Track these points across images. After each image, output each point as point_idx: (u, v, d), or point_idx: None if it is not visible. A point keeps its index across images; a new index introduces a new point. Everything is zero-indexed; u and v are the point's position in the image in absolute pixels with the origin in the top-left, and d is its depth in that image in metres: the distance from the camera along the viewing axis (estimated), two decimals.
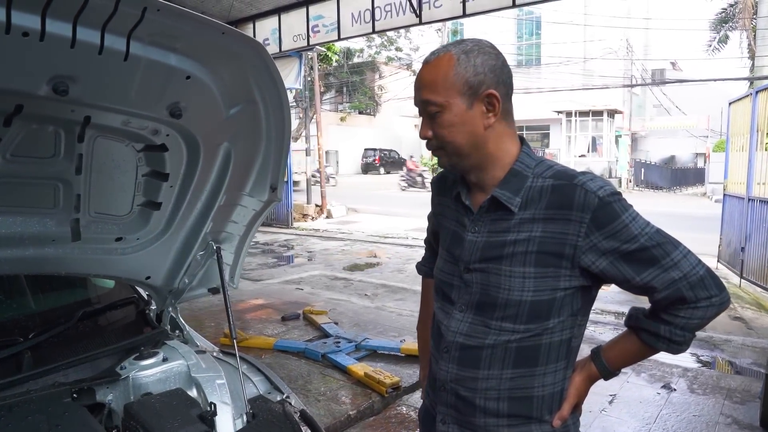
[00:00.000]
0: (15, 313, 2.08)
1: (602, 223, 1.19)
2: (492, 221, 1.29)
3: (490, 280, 1.28)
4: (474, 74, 1.21)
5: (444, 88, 1.22)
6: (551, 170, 1.28)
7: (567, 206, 1.21)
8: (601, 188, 1.20)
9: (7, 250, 1.70)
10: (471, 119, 1.24)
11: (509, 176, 1.28)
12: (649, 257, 1.19)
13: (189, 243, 2.00)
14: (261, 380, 2.11)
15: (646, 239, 1.19)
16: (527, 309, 1.24)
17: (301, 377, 4.42)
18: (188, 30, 1.32)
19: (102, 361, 1.93)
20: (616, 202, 1.20)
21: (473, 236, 1.32)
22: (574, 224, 1.20)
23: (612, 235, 1.19)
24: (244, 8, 10.14)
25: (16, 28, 1.10)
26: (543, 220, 1.23)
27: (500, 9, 7.97)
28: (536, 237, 1.23)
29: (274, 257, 10.46)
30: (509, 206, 1.26)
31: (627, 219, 1.20)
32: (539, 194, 1.25)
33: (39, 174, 1.61)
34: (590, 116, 28.41)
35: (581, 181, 1.22)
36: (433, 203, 1.56)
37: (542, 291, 1.24)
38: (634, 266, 1.20)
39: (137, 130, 1.57)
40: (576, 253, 1.21)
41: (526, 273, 1.24)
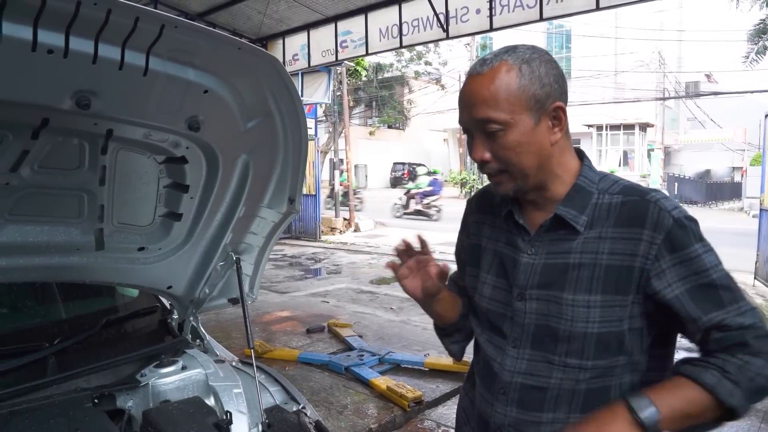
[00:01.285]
0: (41, 319, 2.14)
1: (675, 247, 1.07)
2: (552, 242, 1.17)
3: (550, 309, 1.15)
4: (541, 86, 1.09)
5: (509, 103, 1.07)
6: (618, 185, 1.16)
7: (638, 224, 1.09)
8: (677, 209, 1.10)
9: (34, 258, 1.76)
10: (538, 136, 1.11)
11: (573, 193, 1.17)
12: (717, 297, 1.06)
13: (209, 253, 2.04)
14: (278, 390, 2.12)
15: (718, 277, 1.07)
16: (594, 342, 1.11)
17: (323, 390, 4.43)
18: (205, 46, 1.36)
19: (123, 368, 1.97)
20: (691, 227, 1.09)
21: (530, 258, 1.19)
22: (644, 244, 1.08)
23: (683, 263, 1.07)
24: (274, 25, 10.35)
25: (41, 46, 1.15)
26: (611, 239, 1.11)
27: (528, 23, 7.95)
28: (603, 260, 1.11)
29: (301, 270, 10.53)
30: (575, 225, 1.14)
31: (701, 249, 1.08)
32: (607, 212, 1.13)
33: (64, 185, 1.67)
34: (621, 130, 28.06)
35: (655, 197, 1.11)
36: (466, 223, 1.40)
37: (610, 322, 1.10)
38: (700, 303, 1.06)
39: (158, 142, 1.62)
40: (643, 277, 1.08)
41: (591, 302, 1.11)
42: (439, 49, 23.07)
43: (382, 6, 9.08)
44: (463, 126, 1.16)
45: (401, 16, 8.87)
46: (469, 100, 1.11)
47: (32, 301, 2.28)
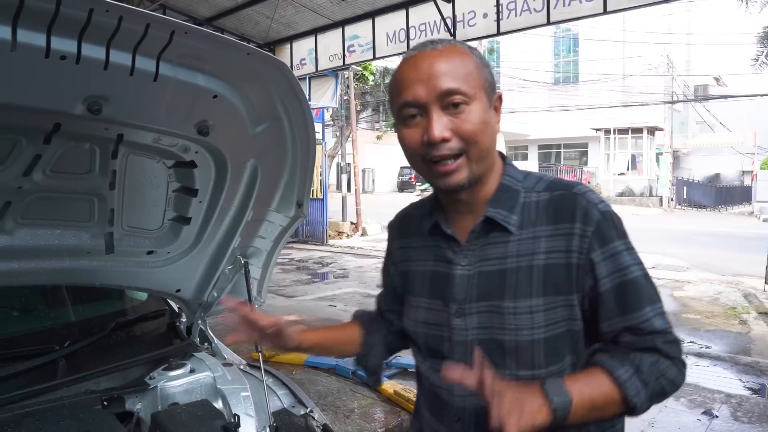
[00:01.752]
0: (52, 322, 2.16)
1: (604, 240, 1.05)
2: (484, 248, 1.10)
3: (492, 321, 1.08)
4: (488, 73, 1.08)
5: (471, 79, 1.04)
6: (543, 182, 1.13)
7: (569, 218, 1.06)
8: (603, 203, 1.08)
9: (45, 261, 1.78)
10: (491, 119, 1.07)
11: (499, 192, 1.11)
12: (635, 297, 1.04)
13: (218, 257, 2.05)
14: (285, 394, 2.13)
15: (637, 276, 1.05)
16: (543, 349, 1.06)
17: (331, 394, 4.43)
18: (214, 51, 1.38)
19: (132, 371, 1.99)
20: (616, 221, 1.07)
21: (464, 270, 1.12)
22: (577, 238, 1.05)
23: (610, 257, 1.05)
24: (282, 30, 10.39)
25: (54, 52, 1.17)
26: (545, 238, 1.07)
27: (535, 27, 7.95)
28: (540, 260, 1.06)
29: (308, 274, 10.55)
30: (507, 226, 1.08)
31: (622, 246, 1.06)
32: (536, 210, 1.09)
33: (75, 189, 1.69)
34: (630, 134, 27.91)
35: (582, 190, 1.08)
36: (391, 251, 1.33)
37: (555, 324, 1.06)
38: (620, 303, 1.05)
39: (168, 147, 1.64)
40: (580, 272, 1.05)
41: (534, 307, 1.05)
42: None
43: (389, 10, 9.11)
44: (413, 104, 1.04)
45: (408, 21, 8.89)
46: (429, 72, 1.03)
47: (43, 305, 2.30)
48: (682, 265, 11.16)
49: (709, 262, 11.40)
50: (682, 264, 11.21)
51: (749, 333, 6.64)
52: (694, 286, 9.24)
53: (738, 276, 9.89)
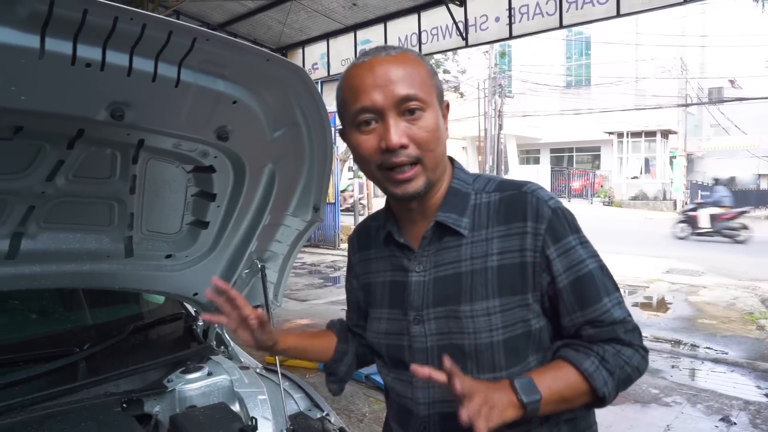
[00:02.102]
0: (71, 325, 2.19)
1: (557, 237, 1.05)
2: (438, 253, 1.11)
3: (450, 326, 1.08)
4: (438, 80, 1.10)
5: (425, 85, 1.05)
6: (493, 183, 1.13)
7: (520, 217, 1.06)
8: (552, 199, 1.08)
9: (66, 264, 1.80)
10: (442, 126, 1.09)
11: (449, 196, 1.12)
12: (592, 290, 1.05)
13: (235, 261, 2.06)
14: (302, 397, 2.14)
15: (593, 268, 1.07)
16: (502, 351, 1.06)
17: (344, 397, 4.44)
18: (235, 58, 1.39)
19: (150, 374, 2.00)
20: (567, 216, 1.08)
21: (419, 276, 1.12)
22: (530, 237, 1.05)
23: (564, 253, 1.05)
24: (294, 34, 10.46)
25: (80, 60, 1.19)
26: (497, 239, 1.07)
27: (547, 30, 7.94)
28: (494, 261, 1.06)
29: (320, 278, 10.58)
30: (457, 229, 1.09)
31: (575, 241, 1.07)
32: (487, 211, 1.09)
33: (96, 193, 1.71)
34: (643, 137, 27.72)
35: (531, 188, 1.09)
36: (351, 265, 1.34)
37: (513, 325, 1.06)
38: (578, 297, 1.05)
39: (187, 152, 1.66)
40: (536, 270, 1.05)
41: (490, 308, 1.05)
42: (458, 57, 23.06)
43: (401, 15, 9.13)
44: (370, 110, 1.03)
45: (420, 25, 8.92)
46: (385, 78, 1.02)
47: (61, 308, 2.34)
48: (698, 269, 11.04)
49: (724, 266, 11.27)
50: (697, 269, 11.10)
51: (767, 339, 6.56)
52: (709, 291, 9.14)
53: (755, 281, 9.77)
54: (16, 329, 2.15)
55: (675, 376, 5.19)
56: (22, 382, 1.72)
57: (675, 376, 5.21)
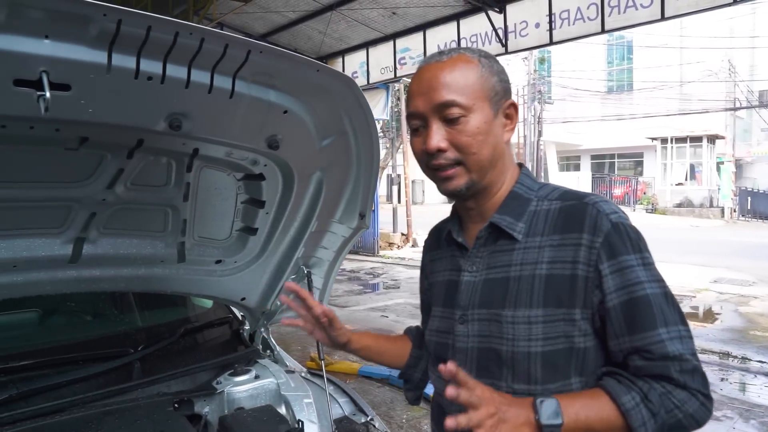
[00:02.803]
0: (126, 327, 2.27)
1: (613, 252, 1.00)
2: (492, 255, 1.11)
3: (491, 329, 1.07)
4: (499, 80, 1.09)
5: (471, 89, 1.05)
6: (558, 191, 1.11)
7: (577, 228, 1.03)
8: (616, 213, 1.03)
9: (123, 269, 1.88)
10: (495, 129, 1.08)
11: (509, 200, 1.12)
12: (645, 316, 0.98)
13: (282, 267, 2.11)
14: (346, 402, 2.17)
15: (651, 293, 0.99)
16: (539, 363, 1.02)
17: (384, 404, 4.46)
18: (287, 69, 1.44)
19: (200, 375, 2.07)
20: (630, 234, 1.02)
21: (470, 276, 1.12)
22: (584, 249, 1.01)
23: (619, 271, 0.99)
24: (334, 44, 10.60)
25: (143, 74, 1.25)
26: (550, 247, 1.04)
27: (589, 35, 7.86)
28: (543, 269, 1.03)
29: (360, 284, 10.63)
30: (511, 233, 1.08)
31: (637, 260, 1.01)
32: (545, 218, 1.08)
33: (152, 201, 1.78)
34: (688, 142, 26.91)
35: (593, 200, 1.05)
36: (423, 265, 1.36)
37: (555, 339, 1.01)
38: (627, 320, 0.99)
39: (238, 160, 1.71)
40: (588, 286, 1.00)
41: (532, 317, 1.02)
42: None
43: (440, 23, 9.17)
44: (416, 115, 1.09)
45: (459, 32, 8.93)
46: (428, 85, 1.07)
47: (115, 311, 2.43)
48: (748, 279, 10.66)
49: None
50: (747, 278, 10.71)
51: None
52: (761, 302, 8.81)
53: None
54: (76, 330, 2.25)
55: (725, 390, 5.02)
56: (82, 380, 1.80)
57: (725, 389, 5.04)
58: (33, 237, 1.68)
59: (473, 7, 8.48)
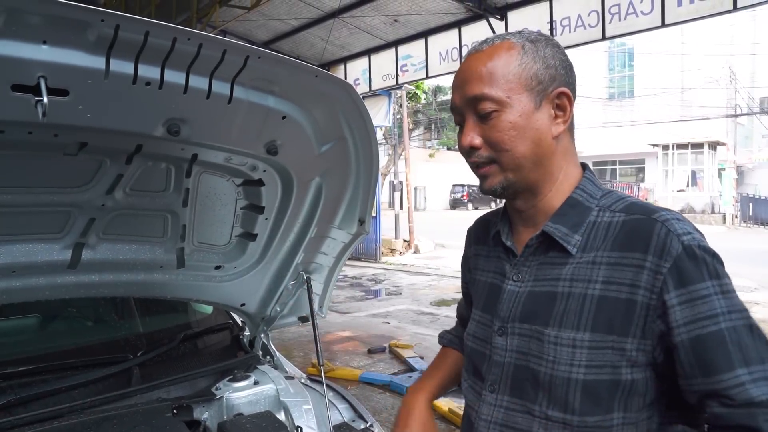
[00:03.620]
0: (125, 332, 2.27)
1: (683, 281, 0.87)
2: (540, 266, 1.00)
3: (530, 347, 0.97)
4: (545, 66, 0.97)
5: (506, 80, 0.96)
6: (623, 202, 0.98)
7: (641, 248, 0.90)
8: (690, 234, 0.89)
9: (122, 274, 1.88)
10: (538, 123, 0.97)
11: (566, 207, 1.00)
12: (723, 354, 0.85)
13: (281, 273, 2.11)
14: (346, 408, 2.16)
15: (729, 326, 0.85)
16: (579, 392, 0.91)
17: (385, 410, 4.44)
18: (285, 74, 1.44)
19: (199, 381, 2.06)
20: (705, 259, 0.88)
21: (514, 286, 1.03)
22: (647, 273, 0.88)
23: (689, 302, 0.87)
24: (336, 51, 10.65)
25: (141, 79, 1.26)
26: (607, 265, 0.92)
27: (590, 42, 7.88)
28: (596, 289, 0.92)
29: (362, 291, 10.62)
30: (565, 245, 0.97)
31: (713, 289, 0.87)
32: (605, 232, 0.95)
33: (151, 206, 1.78)
34: (689, 149, 26.92)
35: (663, 217, 0.91)
36: (465, 257, 1.27)
37: (600, 368, 0.90)
38: (700, 359, 0.86)
39: (237, 166, 1.71)
40: (649, 315, 0.88)
41: (577, 341, 0.92)
42: None
43: (442, 30, 9.21)
44: (455, 111, 1.03)
45: (461, 39, 8.96)
46: (463, 77, 1.00)
47: (114, 316, 2.43)
48: (750, 285, 10.62)
49: None
50: (749, 284, 10.67)
51: None
52: (763, 308, 8.77)
53: None
54: (75, 335, 2.25)
55: None
56: (82, 386, 1.80)
57: None
58: (32, 242, 1.68)
59: (475, 15, 8.51)
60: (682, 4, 6.77)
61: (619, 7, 7.24)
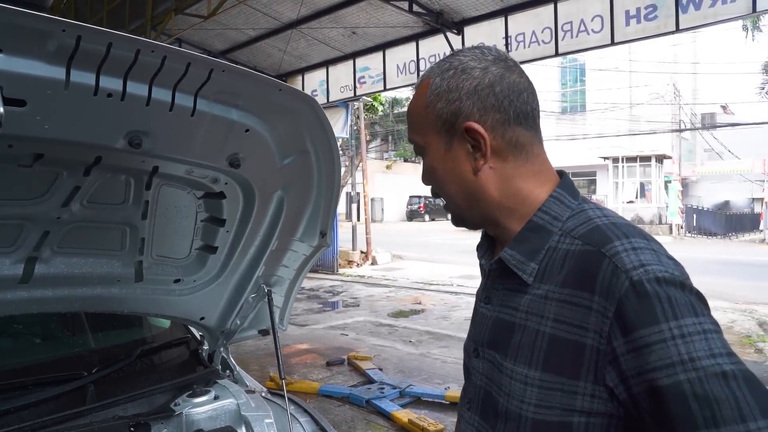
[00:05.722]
0: (79, 349, 2.20)
1: (628, 326, 0.75)
2: (505, 291, 0.94)
3: (493, 375, 0.93)
4: (447, 102, 0.91)
5: (419, 124, 0.95)
6: (586, 226, 0.87)
7: (588, 287, 0.80)
8: (643, 267, 0.77)
9: (78, 289, 1.83)
10: (453, 163, 0.92)
11: (525, 231, 0.92)
12: (683, 413, 0.70)
13: (242, 286, 2.09)
14: (307, 421, 2.15)
15: (687, 378, 0.71)
16: (529, 430, 0.85)
17: (345, 422, 4.42)
18: (249, 88, 1.45)
19: (157, 397, 2.02)
20: (660, 294, 0.75)
21: (485, 309, 0.99)
22: (595, 316, 0.79)
23: (637, 350, 0.74)
24: (294, 62, 10.62)
25: (102, 90, 1.24)
26: (558, 302, 0.84)
27: (543, 58, 8.12)
28: (547, 327, 0.85)
29: (319, 303, 10.55)
30: (520, 274, 0.90)
31: (669, 332, 0.73)
32: (562, 262, 0.86)
33: (110, 219, 1.75)
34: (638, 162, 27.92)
35: (614, 250, 0.80)
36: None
37: (549, 409, 0.83)
38: (661, 416, 0.73)
39: (199, 178, 1.70)
40: (600, 360, 0.78)
41: (529, 378, 0.85)
42: None
43: (399, 43, 9.31)
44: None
45: (419, 53, 9.08)
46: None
47: (67, 332, 2.35)
48: None
49: (721, 290, 11.29)
50: None
51: (766, 362, 6.57)
52: None
53: (751, 304, 9.80)
54: (24, 353, 2.17)
55: None
56: (32, 406, 1.73)
57: None
58: None
59: (432, 29, 8.65)
60: (630, 24, 7.06)
61: (571, 25, 7.49)
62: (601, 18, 7.24)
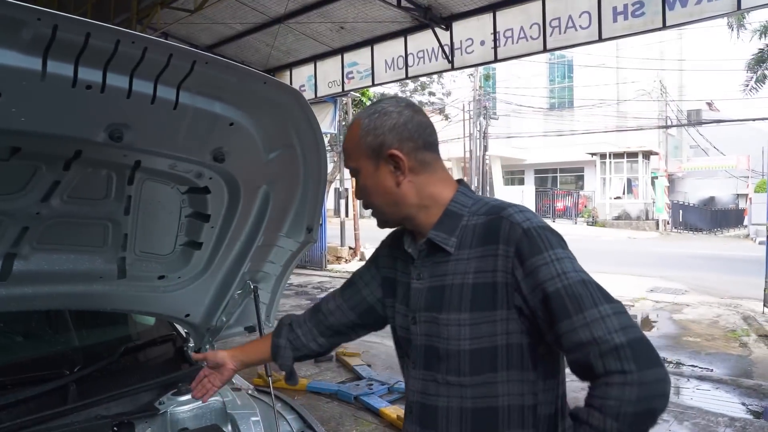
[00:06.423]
0: (61, 347, 2.17)
1: (524, 257, 1.11)
2: (433, 265, 1.25)
3: (431, 330, 1.23)
4: (374, 137, 1.23)
5: (354, 152, 1.27)
6: (486, 206, 1.23)
7: (494, 240, 1.15)
8: (528, 220, 1.15)
9: (59, 286, 1.79)
10: (381, 179, 1.25)
11: (444, 217, 1.25)
12: (561, 307, 1.07)
13: (227, 282, 2.06)
14: (294, 419, 2.13)
15: (562, 285, 1.08)
16: (467, 359, 1.17)
17: (333, 419, 4.41)
18: (233, 80, 1.42)
19: (141, 396, 1.98)
20: (541, 235, 1.13)
21: (418, 284, 1.28)
22: (501, 259, 1.14)
23: (531, 273, 1.11)
24: (282, 57, 10.54)
25: (81, 82, 1.21)
26: (475, 259, 1.18)
27: (531, 54, 8.13)
28: (469, 279, 1.17)
29: (307, 299, 10.51)
30: (444, 247, 1.22)
31: (549, 257, 1.10)
32: (473, 233, 1.20)
33: (91, 214, 1.71)
34: (625, 158, 28.13)
35: (508, 213, 1.17)
36: (377, 256, 1.50)
37: (479, 339, 1.16)
38: (548, 315, 1.09)
39: (182, 173, 1.67)
40: (509, 291, 1.14)
41: (461, 320, 1.17)
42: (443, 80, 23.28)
43: (388, 38, 9.26)
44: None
45: (407, 48, 9.04)
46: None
47: (49, 330, 2.31)
48: (680, 288, 11.17)
49: (706, 285, 11.43)
50: (680, 287, 11.23)
51: (750, 356, 6.64)
52: (693, 309, 9.24)
53: (736, 299, 9.91)
54: (3, 351, 2.12)
55: None
56: (12, 406, 1.70)
57: None
58: None
59: (420, 24, 8.61)
60: (617, 20, 7.08)
61: (559, 21, 7.49)
62: (588, 14, 7.25)
